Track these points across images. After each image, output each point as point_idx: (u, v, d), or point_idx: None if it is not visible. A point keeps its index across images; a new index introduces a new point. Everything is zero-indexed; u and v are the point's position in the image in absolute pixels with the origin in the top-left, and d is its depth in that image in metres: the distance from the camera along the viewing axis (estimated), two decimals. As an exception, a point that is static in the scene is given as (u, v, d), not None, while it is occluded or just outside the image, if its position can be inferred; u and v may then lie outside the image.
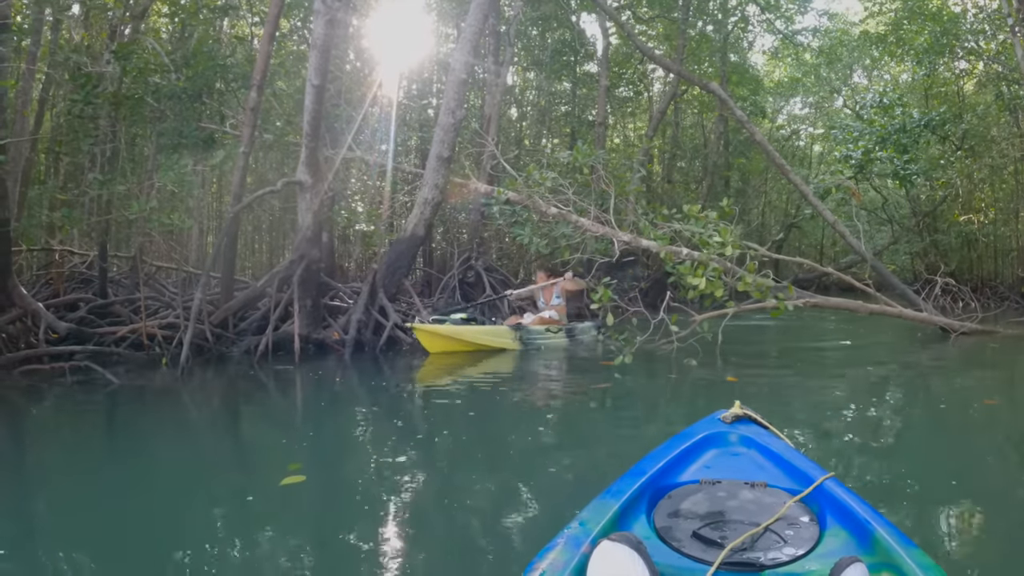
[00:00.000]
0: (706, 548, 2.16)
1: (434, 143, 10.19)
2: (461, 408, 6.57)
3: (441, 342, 9.72)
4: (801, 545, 2.16)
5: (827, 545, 2.18)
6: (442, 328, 9.77)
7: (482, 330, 10.34)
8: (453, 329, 9.85)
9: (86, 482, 4.39)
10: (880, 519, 2.20)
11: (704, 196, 22.11)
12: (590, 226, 8.47)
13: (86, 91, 9.00)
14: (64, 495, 4.14)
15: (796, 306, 7.72)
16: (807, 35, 24.39)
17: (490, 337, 10.26)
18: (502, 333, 10.50)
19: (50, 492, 4.23)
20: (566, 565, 2.01)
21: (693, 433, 2.84)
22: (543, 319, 11.45)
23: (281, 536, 3.36)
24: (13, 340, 8.67)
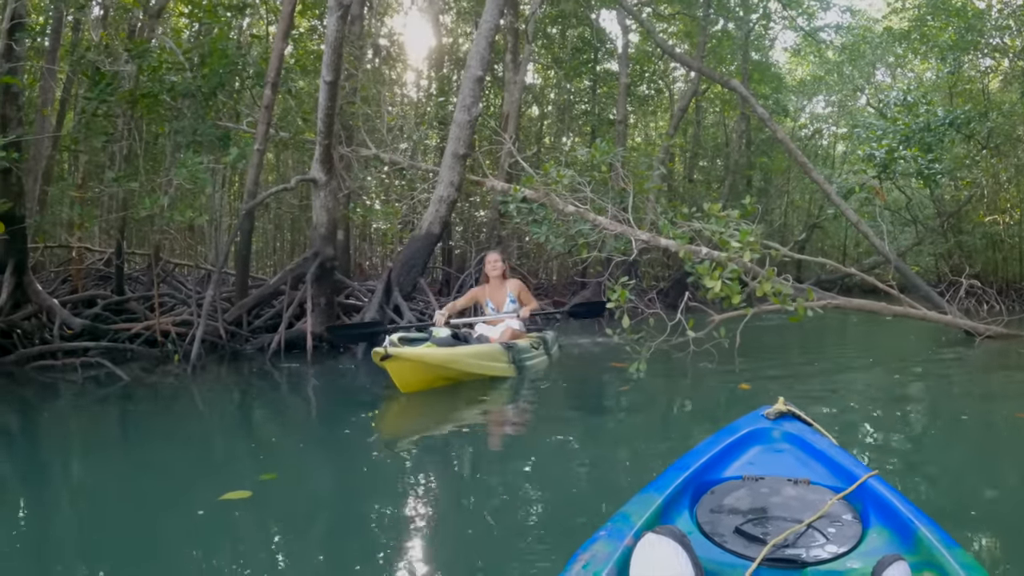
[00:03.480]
0: (748, 544, 2.17)
1: (450, 140, 10.13)
2: (475, 409, 6.50)
3: (421, 375, 6.73)
4: (843, 543, 2.16)
5: (869, 543, 2.18)
6: (428, 354, 6.68)
7: (472, 351, 7.33)
8: (441, 355, 6.83)
9: (85, 478, 4.41)
10: (923, 518, 2.19)
11: (725, 195, 21.90)
12: (608, 224, 8.36)
13: (99, 89, 9.01)
14: (64, 490, 4.17)
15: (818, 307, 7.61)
16: (829, 32, 24.15)
17: (483, 361, 7.39)
18: (495, 354, 7.61)
19: (50, 487, 4.22)
20: (609, 557, 2.03)
21: (737, 429, 2.84)
22: (513, 332, 8.35)
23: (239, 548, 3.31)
24: (28, 336, 8.76)
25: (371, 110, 13.06)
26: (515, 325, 8.51)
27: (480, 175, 12.09)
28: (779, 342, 12.10)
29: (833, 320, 15.56)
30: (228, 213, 15.95)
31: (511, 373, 7.67)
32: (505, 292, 8.84)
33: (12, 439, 5.73)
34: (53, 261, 13.83)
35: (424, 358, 6.61)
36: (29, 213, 8.93)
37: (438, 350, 6.87)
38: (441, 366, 6.82)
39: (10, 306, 8.52)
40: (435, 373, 6.84)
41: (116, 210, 10.78)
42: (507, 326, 8.43)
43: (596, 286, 15.31)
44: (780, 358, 10.06)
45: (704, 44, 20.55)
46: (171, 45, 10.30)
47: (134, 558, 3.13)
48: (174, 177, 8.88)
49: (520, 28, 16.60)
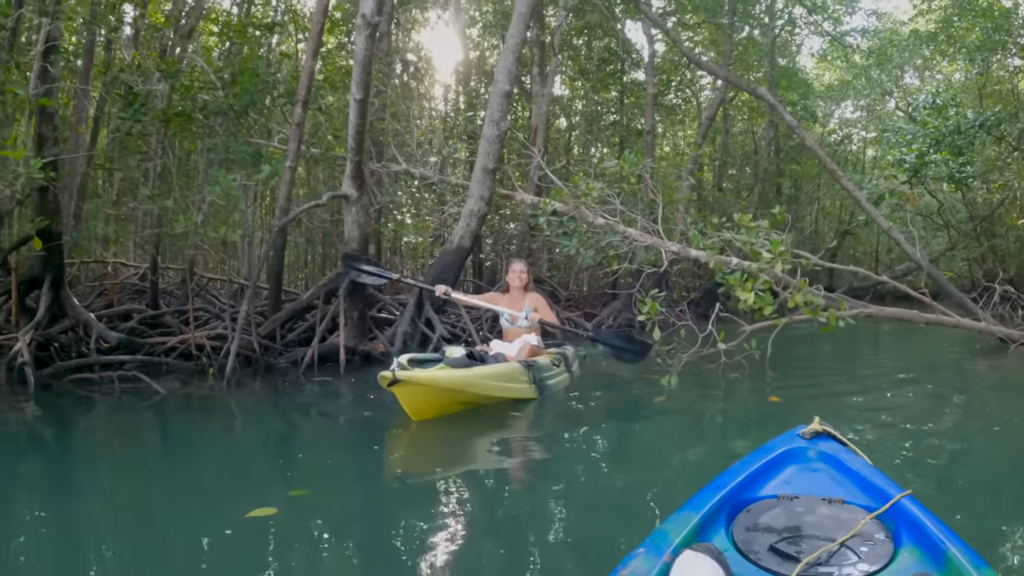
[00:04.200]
0: (782, 562, 2.22)
1: (479, 155, 10.18)
2: (502, 427, 6.50)
3: (434, 401, 6.11)
4: (875, 561, 2.19)
5: (901, 562, 2.21)
6: (441, 378, 6.03)
7: (490, 372, 6.64)
8: (456, 377, 6.17)
9: (117, 491, 4.48)
10: (954, 538, 2.21)
11: (755, 203, 21.81)
12: (638, 236, 8.38)
13: (134, 109, 9.18)
14: (95, 503, 4.25)
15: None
16: (856, 36, 23.94)
17: (501, 383, 6.73)
18: (515, 375, 6.96)
19: (83, 499, 4.31)
20: (648, 573, 2.10)
21: (772, 448, 2.88)
22: (531, 348, 7.85)
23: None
24: (65, 349, 8.91)
25: (400, 125, 13.16)
26: (532, 341, 7.95)
27: (510, 188, 12.14)
28: (811, 352, 12.03)
29: (865, 328, 15.45)
30: (260, 227, 16.12)
31: (532, 394, 7.06)
32: (522, 305, 8.25)
33: (48, 450, 5.85)
34: (89, 276, 14.03)
35: (436, 382, 5.95)
36: (65, 229, 9.09)
37: (452, 372, 6.16)
38: (456, 390, 6.16)
39: (48, 320, 8.67)
40: (449, 398, 6.20)
41: (151, 226, 10.97)
42: (524, 342, 7.86)
43: (627, 298, 15.28)
44: (811, 369, 10.00)
45: (730, 52, 20.47)
46: (202, 64, 10.46)
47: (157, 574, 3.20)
48: (207, 194, 9.02)
49: (546, 41, 16.66)
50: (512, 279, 8.40)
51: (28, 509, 4.15)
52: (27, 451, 5.89)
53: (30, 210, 9.13)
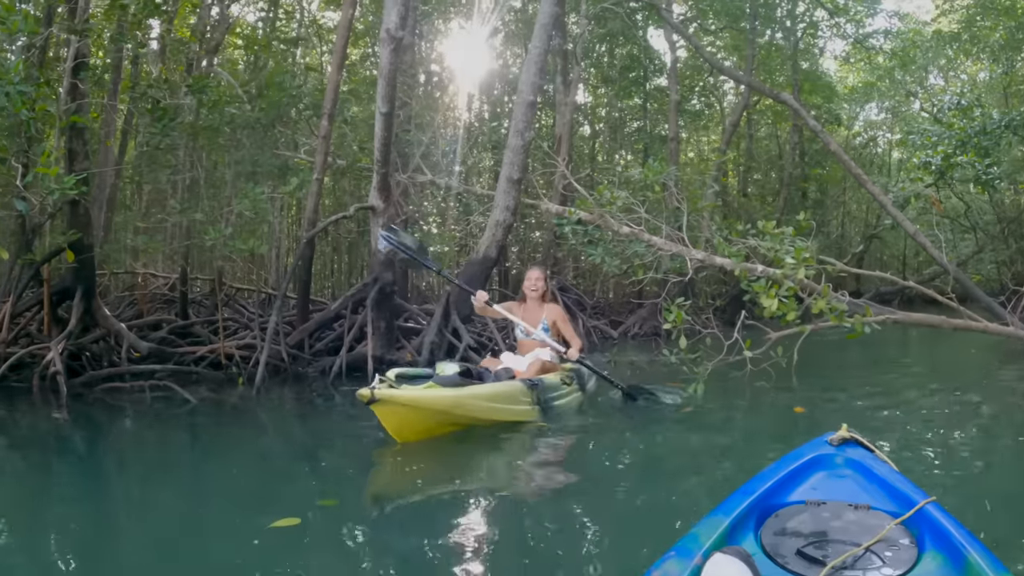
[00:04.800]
0: (809, 566, 2.27)
1: (504, 165, 10.24)
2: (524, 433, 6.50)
3: (419, 423, 5.57)
4: (899, 566, 2.25)
5: (924, 567, 2.26)
6: (427, 397, 5.52)
7: (486, 392, 6.10)
8: (445, 398, 5.64)
9: (145, 498, 4.56)
10: (977, 545, 2.24)
11: (781, 209, 21.72)
12: (663, 244, 8.37)
13: (163, 123, 9.32)
14: (123, 510, 4.39)
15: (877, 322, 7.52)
16: (878, 38, 23.77)
17: (498, 404, 6.18)
18: (515, 395, 6.39)
19: (111, 506, 4.45)
20: (679, 575, 2.17)
21: (801, 454, 2.92)
22: (542, 363, 7.30)
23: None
24: (97, 358, 9.11)
25: (425, 136, 13.25)
26: (545, 356, 7.42)
27: (535, 197, 12.18)
28: (838, 358, 11.97)
29: (892, 334, 15.32)
30: (288, 238, 16.27)
31: (534, 416, 6.44)
32: (540, 317, 7.71)
33: (80, 457, 5.97)
34: (119, 286, 14.19)
35: (420, 402, 5.40)
36: (96, 241, 9.26)
37: (441, 392, 5.59)
38: (444, 412, 5.60)
39: (80, 330, 8.87)
40: (436, 419, 5.62)
41: (180, 238, 11.11)
42: (536, 357, 7.32)
43: (652, 306, 15.28)
44: (839, 376, 9.96)
45: (752, 57, 20.42)
46: (228, 78, 10.60)
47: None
48: (236, 206, 9.15)
49: (569, 49, 16.69)
50: (528, 287, 7.90)
51: (60, 514, 4.24)
52: (60, 458, 6.02)
53: (62, 223, 9.29)
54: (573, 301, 14.72)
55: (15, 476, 5.52)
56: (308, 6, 18.86)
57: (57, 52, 10.43)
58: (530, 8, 18.42)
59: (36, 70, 8.02)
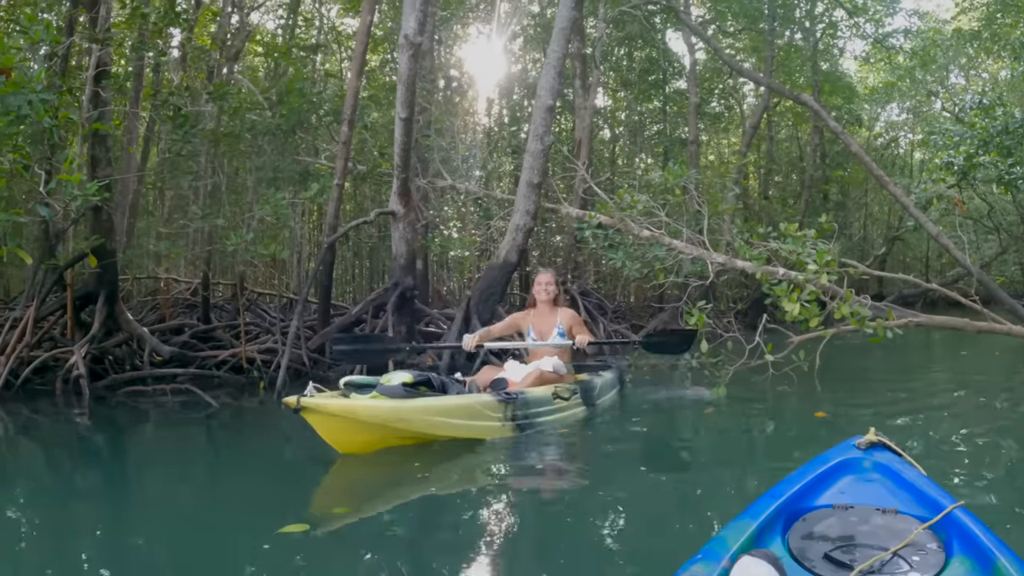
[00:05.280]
0: (836, 570, 2.28)
1: (524, 169, 10.24)
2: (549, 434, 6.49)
3: (359, 434, 5.21)
4: (926, 571, 2.24)
5: (951, 572, 2.24)
6: (360, 408, 5.11)
7: (438, 406, 5.51)
8: (383, 410, 5.17)
9: (163, 501, 4.61)
10: (1006, 550, 2.23)
11: (802, 211, 21.60)
12: (683, 247, 8.34)
13: (184, 130, 9.42)
14: (141, 513, 4.39)
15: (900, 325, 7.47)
16: (898, 37, 23.58)
17: (454, 419, 5.60)
18: (479, 409, 5.81)
19: (128, 508, 4.49)
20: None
21: (828, 458, 2.91)
22: (542, 374, 6.82)
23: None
24: (119, 362, 9.26)
25: (445, 141, 13.28)
26: (548, 368, 6.90)
27: (555, 201, 12.16)
28: (861, 362, 11.89)
29: (916, 337, 15.24)
30: (309, 243, 16.34)
31: (506, 433, 5.90)
32: (554, 322, 7.28)
33: (102, 460, 6.03)
34: (142, 291, 14.34)
35: (352, 413, 5.02)
36: (119, 247, 9.36)
37: (377, 403, 5.17)
38: (382, 425, 5.15)
39: (102, 334, 9.00)
40: (378, 433, 5.23)
41: (202, 243, 11.22)
42: (536, 368, 6.83)
43: (673, 310, 15.23)
44: (861, 379, 9.90)
45: (772, 58, 20.31)
46: (249, 85, 10.68)
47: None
48: (257, 212, 9.22)
49: (587, 53, 16.68)
50: (538, 291, 7.50)
51: (78, 514, 4.29)
52: (81, 459, 6.10)
53: (85, 228, 9.43)
54: (594, 305, 14.68)
55: (37, 477, 5.60)
56: (327, 13, 19.02)
57: (79, 61, 10.54)
58: (548, 12, 18.44)
59: (58, 78, 8.14)
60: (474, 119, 19.89)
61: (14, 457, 6.25)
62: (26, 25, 5.76)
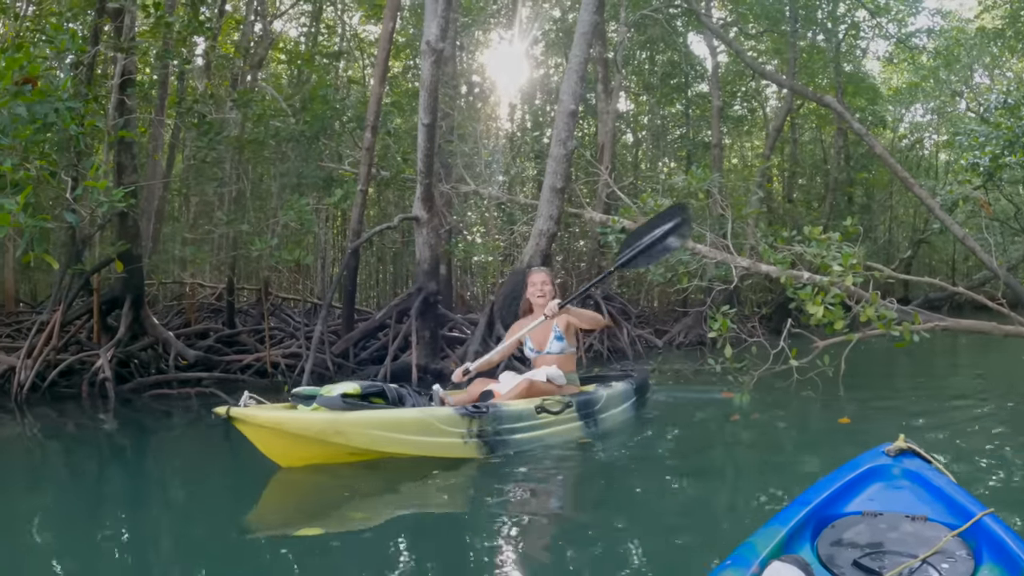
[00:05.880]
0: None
1: (547, 174, 10.25)
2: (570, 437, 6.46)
3: (296, 447, 4.77)
4: None
5: None
6: (293, 420, 4.68)
7: (385, 419, 4.94)
8: (318, 422, 4.71)
9: (183, 502, 4.65)
10: None
11: (826, 214, 21.46)
12: (707, 252, 8.33)
13: (209, 137, 9.53)
14: (161, 513, 4.41)
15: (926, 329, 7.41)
16: (921, 37, 23.38)
17: (407, 434, 5.01)
18: (433, 424, 5.12)
19: (148, 509, 4.50)
20: None
21: (858, 464, 2.92)
22: (532, 385, 6.01)
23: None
24: (145, 365, 9.39)
25: (468, 147, 13.32)
26: (540, 378, 6.14)
27: (578, 206, 12.17)
28: (887, 367, 11.80)
29: (942, 341, 15.11)
30: (333, 248, 16.44)
31: (470, 454, 5.22)
32: (550, 327, 6.45)
33: (126, 461, 6.10)
34: (167, 296, 14.49)
35: (281, 425, 4.62)
36: (145, 252, 9.49)
37: (311, 415, 4.74)
38: (317, 439, 4.68)
39: (128, 338, 9.13)
40: (316, 448, 4.76)
41: (227, 248, 11.33)
42: (525, 379, 6.09)
43: (697, 314, 15.17)
44: (886, 384, 9.82)
45: (794, 60, 20.18)
46: (272, 92, 10.78)
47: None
48: (281, 218, 9.29)
49: (609, 57, 16.68)
50: (532, 294, 6.60)
51: (103, 516, 4.36)
52: (106, 461, 6.16)
53: (111, 234, 9.55)
54: (618, 310, 14.64)
55: (63, 477, 5.68)
56: (349, 20, 19.15)
57: (104, 69, 10.67)
58: (570, 17, 18.46)
59: (84, 87, 8.23)
60: (497, 124, 19.93)
61: (41, 457, 6.35)
62: (52, 35, 5.83)
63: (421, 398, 5.39)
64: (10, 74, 4.65)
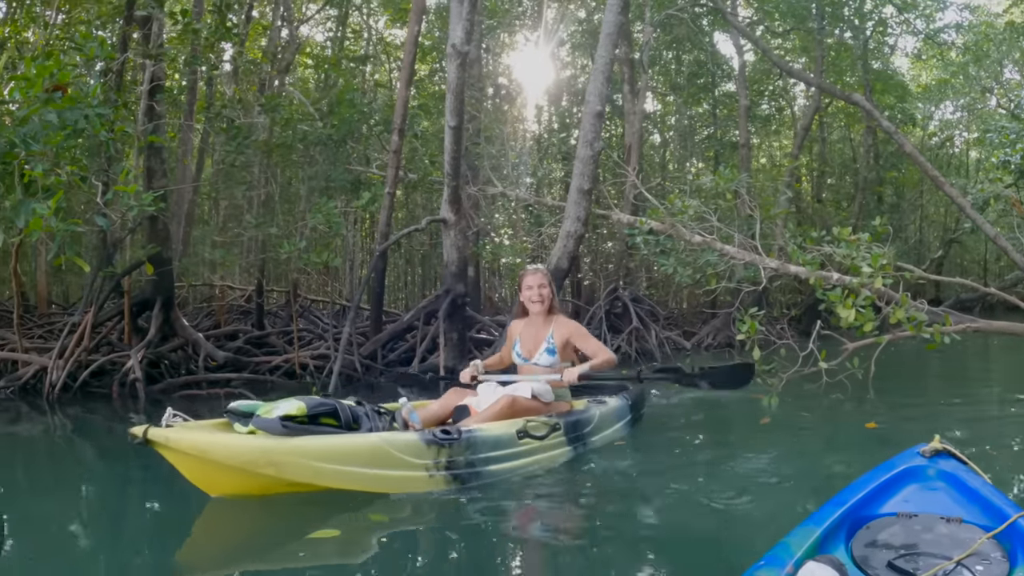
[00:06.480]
0: None
1: (574, 176, 10.24)
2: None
3: (221, 476, 4.00)
4: None
5: None
6: (215, 447, 3.91)
7: (330, 448, 4.08)
8: (245, 450, 3.92)
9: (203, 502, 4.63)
10: None
11: (856, 214, 21.26)
12: (736, 253, 8.27)
13: (238, 142, 9.64)
14: (182, 511, 4.47)
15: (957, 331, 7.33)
16: (950, 33, 23.03)
17: (356, 467, 4.15)
18: (391, 454, 4.27)
19: (170, 507, 4.62)
20: None
21: (893, 466, 2.93)
22: (514, 403, 5.13)
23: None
24: (175, 366, 9.58)
25: (495, 149, 13.34)
26: (524, 393, 5.23)
27: (606, 207, 12.13)
28: (918, 369, 11.67)
29: (974, 343, 14.95)
30: (361, 250, 16.51)
31: (436, 486, 4.39)
32: (544, 335, 5.69)
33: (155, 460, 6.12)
34: (197, 298, 14.63)
35: (206, 453, 3.84)
36: (175, 255, 9.64)
37: (242, 442, 3.98)
38: (246, 470, 3.86)
39: (159, 339, 9.32)
40: (249, 479, 3.98)
41: (256, 251, 11.44)
42: (508, 397, 5.16)
43: (726, 316, 15.10)
44: (917, 387, 9.73)
45: (821, 58, 20.00)
46: (300, 97, 10.87)
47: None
48: (310, 221, 9.38)
49: (635, 58, 16.63)
50: (527, 297, 5.79)
51: (132, 512, 4.51)
52: (134, 458, 6.19)
53: (142, 237, 9.68)
54: (646, 312, 14.60)
55: (93, 475, 5.79)
56: (375, 24, 19.23)
57: (133, 76, 10.80)
58: (595, 18, 18.41)
59: (114, 93, 8.37)
60: (523, 126, 19.93)
61: (72, 455, 6.49)
62: (81, 42, 5.92)
63: (381, 419, 4.55)
64: (41, 82, 4.74)
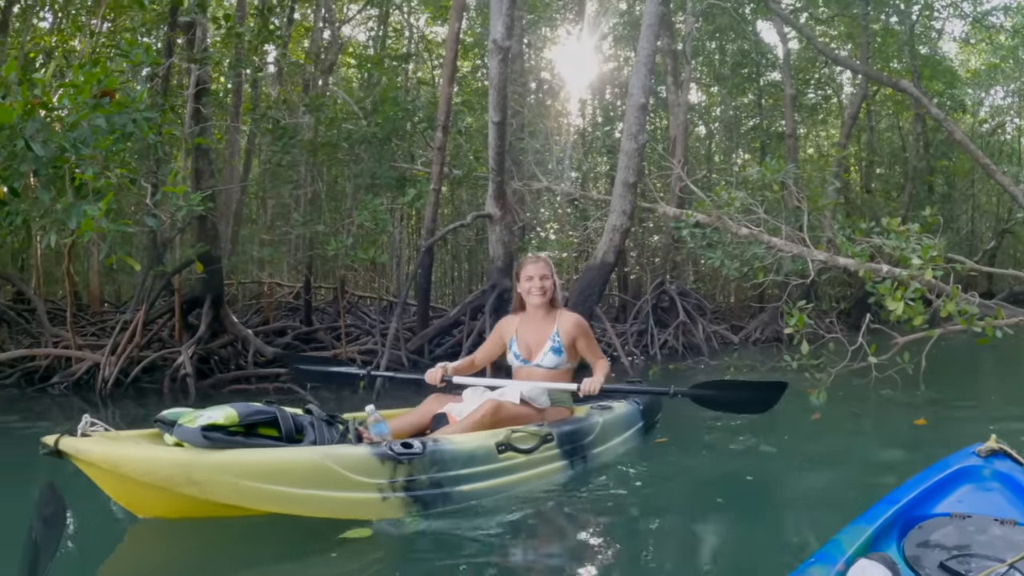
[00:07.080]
0: None
1: (619, 169, 10.20)
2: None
3: (142, 493, 3.35)
4: None
5: None
6: (131, 461, 3.19)
7: (263, 465, 3.37)
8: (158, 464, 3.22)
9: None
10: None
11: (906, 205, 20.90)
12: (783, 245, 8.20)
13: (284, 142, 9.78)
14: None
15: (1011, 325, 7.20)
16: (998, 15, 22.45)
17: (293, 487, 3.40)
18: (337, 472, 3.52)
19: None
20: None
21: (947, 465, 2.89)
22: (500, 409, 4.46)
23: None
24: (225, 362, 9.80)
25: (539, 143, 13.35)
26: (511, 398, 4.62)
27: (651, 200, 12.09)
28: (970, 365, 11.43)
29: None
30: (407, 247, 16.63)
31: (391, 512, 3.67)
32: (548, 332, 5.05)
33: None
34: (246, 295, 14.86)
35: (118, 467, 3.20)
36: (224, 253, 9.80)
37: (163, 456, 3.33)
38: (164, 488, 3.22)
39: (209, 335, 9.54)
40: (173, 498, 3.30)
41: (303, 249, 11.60)
42: (492, 402, 4.48)
43: (773, 310, 14.98)
44: (969, 382, 9.55)
45: (867, 44, 19.63)
46: (344, 96, 10.98)
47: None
48: (356, 218, 9.48)
49: (678, 49, 16.52)
50: (526, 290, 5.12)
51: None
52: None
53: (191, 237, 9.88)
54: (693, 306, 14.50)
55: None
56: (416, 23, 19.31)
57: (179, 80, 10.99)
58: (637, 10, 18.32)
59: (160, 97, 8.55)
60: (567, 120, 19.91)
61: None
62: (127, 49, 6.03)
63: (331, 430, 3.88)
64: (89, 88, 4.84)
